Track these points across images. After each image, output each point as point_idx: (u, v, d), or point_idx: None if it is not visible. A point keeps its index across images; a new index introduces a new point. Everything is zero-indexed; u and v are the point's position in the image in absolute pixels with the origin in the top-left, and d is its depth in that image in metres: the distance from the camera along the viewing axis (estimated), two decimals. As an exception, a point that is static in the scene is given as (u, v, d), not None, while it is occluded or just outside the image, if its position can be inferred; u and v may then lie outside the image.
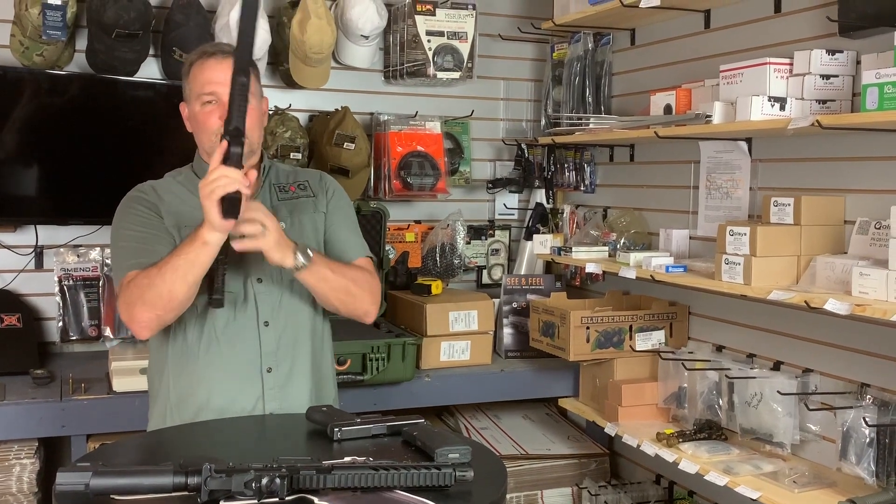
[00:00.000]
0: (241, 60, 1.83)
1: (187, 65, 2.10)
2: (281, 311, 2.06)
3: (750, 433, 2.59)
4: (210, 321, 2.03)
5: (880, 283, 2.07)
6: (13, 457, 2.68)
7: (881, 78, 2.02)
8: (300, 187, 2.19)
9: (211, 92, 2.02)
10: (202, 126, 2.05)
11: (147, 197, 2.08)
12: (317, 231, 2.15)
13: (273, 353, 2.05)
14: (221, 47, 2.11)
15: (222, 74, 2.00)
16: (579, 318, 2.95)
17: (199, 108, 2.05)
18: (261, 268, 2.04)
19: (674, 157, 3.05)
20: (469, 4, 3.50)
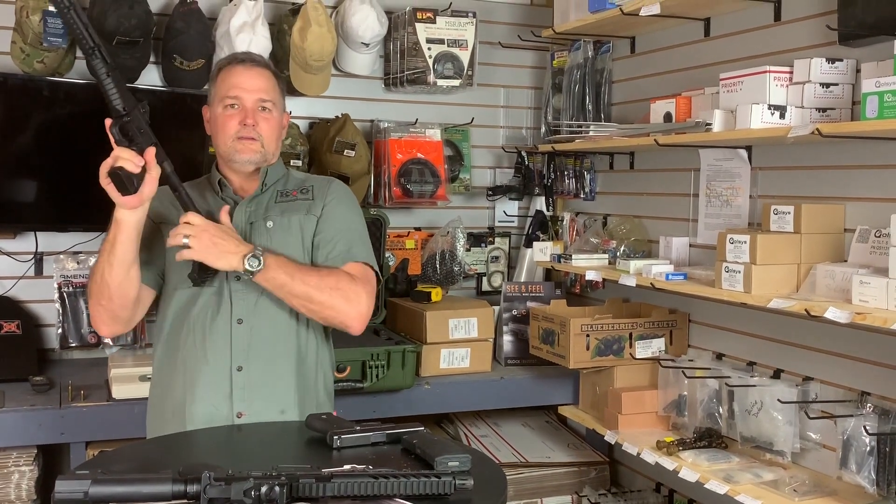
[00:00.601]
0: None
1: (216, 69, 2.16)
2: (257, 311, 2.06)
3: (750, 441, 2.58)
4: (189, 319, 2.06)
5: (880, 291, 2.07)
6: (12, 464, 2.67)
7: (881, 86, 2.02)
8: (302, 192, 2.19)
9: (234, 96, 2.07)
10: (221, 129, 2.09)
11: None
12: (303, 232, 2.13)
13: (244, 352, 2.04)
14: (252, 56, 2.17)
15: (248, 81, 2.08)
16: (579, 326, 2.95)
17: (220, 110, 2.09)
18: None
19: (674, 164, 3.05)
20: (469, 12, 3.51)
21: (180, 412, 2.03)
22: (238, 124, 2.06)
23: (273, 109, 2.11)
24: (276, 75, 2.16)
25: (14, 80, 2.98)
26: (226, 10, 3.17)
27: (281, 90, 2.17)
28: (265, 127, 2.09)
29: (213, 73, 2.18)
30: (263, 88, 2.10)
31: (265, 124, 2.09)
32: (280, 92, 2.16)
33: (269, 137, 2.10)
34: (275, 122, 2.12)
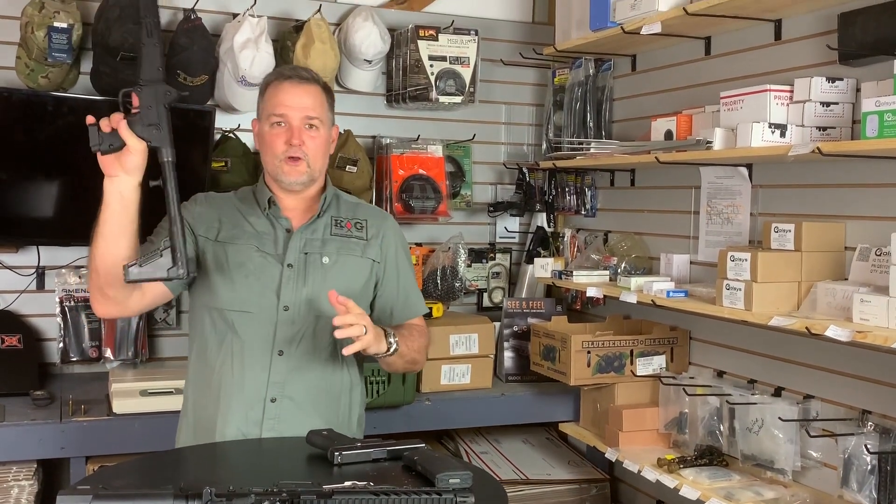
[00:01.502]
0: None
1: (264, 83, 2.15)
2: (300, 345, 2.05)
3: (751, 459, 2.58)
4: (229, 341, 2.05)
5: (881, 309, 2.07)
6: (12, 478, 2.67)
7: (881, 106, 2.03)
8: (357, 226, 2.17)
9: (281, 114, 2.06)
10: (268, 146, 2.09)
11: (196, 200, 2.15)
12: (358, 276, 2.14)
13: (280, 384, 2.04)
14: (299, 72, 2.14)
15: (295, 99, 2.07)
16: (580, 343, 2.95)
17: (267, 128, 2.08)
18: (291, 297, 2.05)
19: (674, 182, 3.06)
20: (471, 30, 3.53)
21: (210, 432, 2.03)
22: (284, 144, 2.05)
23: (320, 127, 2.09)
24: (324, 89, 2.14)
25: (18, 94, 3.00)
26: (229, 27, 3.20)
27: (329, 104, 2.15)
28: (311, 146, 2.07)
29: (261, 86, 2.16)
30: (310, 106, 2.08)
31: (311, 143, 2.07)
32: (328, 106, 2.14)
33: (316, 156, 2.08)
34: (321, 140, 2.10)
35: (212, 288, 2.06)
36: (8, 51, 3.04)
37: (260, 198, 2.14)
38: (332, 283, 2.06)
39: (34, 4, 2.88)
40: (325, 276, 2.08)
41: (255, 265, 2.06)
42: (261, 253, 2.07)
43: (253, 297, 2.04)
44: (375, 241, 2.18)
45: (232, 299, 2.05)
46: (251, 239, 2.09)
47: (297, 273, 2.06)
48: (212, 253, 2.07)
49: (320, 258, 2.09)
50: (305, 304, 2.05)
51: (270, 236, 2.10)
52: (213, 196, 2.19)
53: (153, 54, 1.79)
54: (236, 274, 2.05)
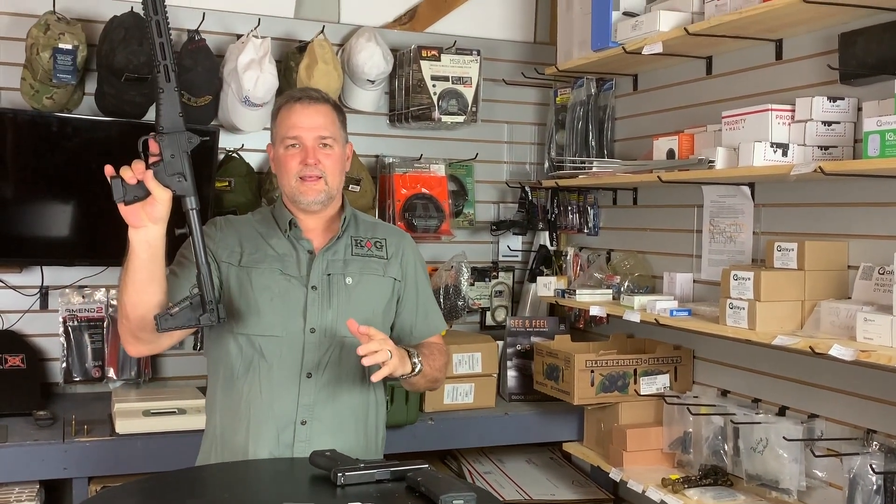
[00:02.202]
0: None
1: (276, 107, 2.15)
2: (328, 366, 2.05)
3: (756, 479, 2.57)
4: (256, 365, 2.04)
5: (885, 328, 2.07)
6: (14, 499, 2.66)
7: (882, 125, 2.04)
8: (376, 245, 2.18)
9: (294, 136, 2.06)
10: (284, 169, 2.09)
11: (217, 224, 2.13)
12: (376, 297, 2.14)
13: (310, 406, 2.03)
14: (309, 93, 2.14)
15: (307, 119, 2.07)
16: (583, 362, 2.95)
17: (282, 151, 2.08)
18: (317, 319, 2.05)
19: (677, 201, 3.06)
20: (474, 50, 3.55)
21: (241, 456, 2.02)
22: (300, 164, 2.05)
23: (334, 145, 2.09)
24: (335, 108, 2.14)
25: (23, 115, 3.02)
26: (233, 48, 3.22)
27: (341, 122, 2.15)
28: (327, 163, 2.07)
29: (273, 111, 2.17)
30: (322, 125, 2.08)
31: (327, 160, 2.07)
32: (341, 125, 2.14)
33: (332, 173, 2.08)
34: (337, 157, 2.10)
35: (237, 313, 2.05)
36: (13, 72, 3.05)
37: (280, 220, 2.14)
38: (357, 304, 2.08)
39: (39, 26, 2.90)
40: (349, 296, 2.08)
41: (280, 288, 2.05)
42: (285, 276, 2.07)
43: (279, 321, 2.03)
44: (395, 259, 2.19)
45: (258, 324, 2.04)
46: (274, 262, 2.08)
47: (321, 295, 2.06)
48: (235, 278, 2.06)
49: (344, 279, 2.09)
50: (331, 326, 2.05)
51: (292, 258, 2.09)
52: (232, 220, 2.18)
53: (172, 100, 1.76)
54: (261, 298, 2.04)
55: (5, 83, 3.09)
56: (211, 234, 2.09)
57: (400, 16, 3.66)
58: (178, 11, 3.25)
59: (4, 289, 3.14)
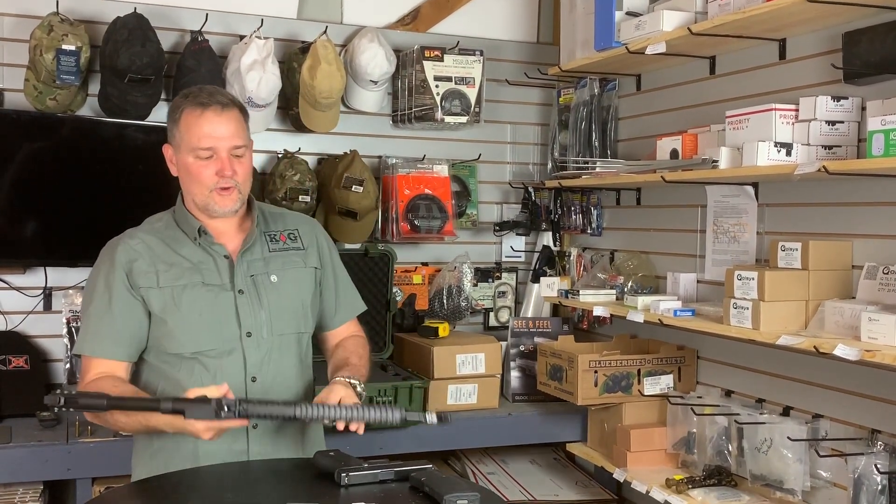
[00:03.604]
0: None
1: (178, 110, 2.03)
2: (270, 366, 2.05)
3: (760, 479, 2.56)
4: (198, 376, 2.00)
5: (889, 328, 2.06)
6: (18, 500, 2.66)
7: (886, 124, 2.03)
8: (290, 237, 2.17)
9: (209, 147, 1.99)
10: (195, 178, 2.02)
11: (119, 258, 2.03)
12: (301, 289, 2.14)
13: None
14: (217, 97, 2.03)
15: (220, 128, 1.99)
16: (587, 362, 2.94)
17: (192, 160, 2.00)
18: (251, 321, 2.04)
19: (680, 201, 3.06)
20: (476, 51, 3.55)
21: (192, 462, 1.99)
22: (215, 175, 2.00)
23: (245, 151, 2.05)
24: (242, 110, 2.08)
25: (27, 116, 3.02)
26: (236, 49, 3.22)
27: (247, 124, 2.09)
28: (241, 172, 2.03)
29: (174, 112, 2.04)
30: (235, 133, 2.01)
31: (241, 169, 2.03)
32: (247, 127, 2.09)
33: (245, 180, 2.05)
34: (248, 163, 2.06)
35: (170, 334, 2.01)
36: (16, 73, 3.06)
37: (186, 228, 2.07)
38: (286, 299, 2.09)
39: (43, 27, 2.90)
40: (277, 293, 2.08)
41: (207, 301, 2.02)
42: (207, 286, 2.03)
43: (214, 333, 2.01)
44: (312, 248, 2.19)
45: (193, 341, 2.01)
46: (192, 274, 2.03)
47: (249, 298, 2.05)
48: (158, 300, 2.01)
49: (268, 277, 2.09)
50: (266, 326, 2.05)
51: (209, 265, 2.05)
52: (135, 237, 2.07)
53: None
54: (189, 314, 2.01)
55: (9, 84, 3.10)
56: (116, 262, 2.02)
57: (403, 16, 3.66)
58: (181, 13, 3.26)
59: (8, 290, 3.14)
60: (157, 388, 2.04)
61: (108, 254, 2.07)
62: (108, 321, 2.01)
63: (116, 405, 1.80)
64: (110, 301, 2.01)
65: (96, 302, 2.02)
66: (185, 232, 2.08)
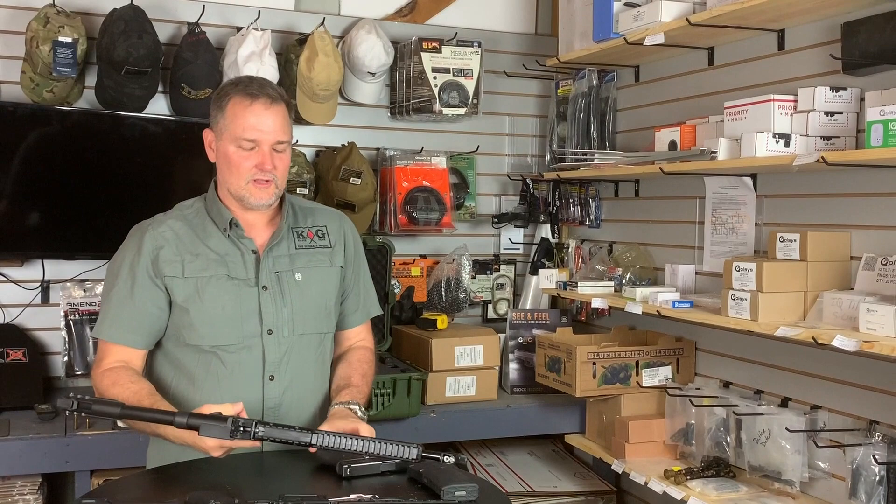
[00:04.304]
0: None
1: (226, 97, 2.01)
2: (289, 365, 2.04)
3: (758, 470, 2.56)
4: (215, 370, 2.00)
5: (888, 319, 2.06)
6: (16, 492, 2.66)
7: (885, 115, 2.03)
8: (318, 234, 2.15)
9: (253, 139, 1.98)
10: (235, 168, 2.00)
11: (146, 244, 2.03)
12: (326, 288, 2.12)
13: (275, 409, 2.02)
14: (267, 90, 2.01)
15: (268, 122, 1.98)
16: (585, 354, 2.95)
17: (233, 149, 1.99)
18: (273, 319, 2.03)
19: (679, 192, 3.06)
20: (474, 42, 3.54)
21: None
22: (254, 167, 1.99)
23: (287, 147, 2.05)
24: (288, 106, 2.07)
25: (23, 109, 3.01)
26: (233, 40, 3.21)
27: (292, 119, 2.10)
28: (281, 167, 2.03)
29: (221, 99, 2.02)
30: (281, 128, 2.01)
31: (281, 164, 2.02)
32: (291, 122, 2.09)
33: (283, 176, 2.05)
34: (288, 159, 2.06)
35: (190, 325, 2.00)
36: (13, 65, 3.05)
37: (217, 218, 2.06)
38: (310, 298, 2.07)
39: (39, 19, 2.89)
40: (301, 292, 2.07)
41: (231, 294, 2.01)
42: (232, 280, 2.01)
43: (235, 328, 2.00)
44: (339, 246, 2.17)
45: (213, 335, 2.00)
46: (218, 266, 2.01)
47: (273, 294, 2.04)
48: (181, 290, 1.99)
49: (293, 275, 2.07)
50: (288, 324, 2.04)
51: (236, 258, 2.04)
52: (163, 224, 2.05)
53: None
54: (213, 308, 1.99)
55: (5, 77, 3.08)
56: (142, 249, 2.01)
57: (400, 7, 3.65)
58: (177, 4, 3.25)
59: (5, 283, 3.13)
60: (170, 380, 2.04)
61: (135, 238, 2.05)
62: (129, 308, 2.00)
63: (130, 415, 1.78)
64: (133, 288, 2.00)
65: (119, 286, 2.02)
66: (216, 222, 2.06)
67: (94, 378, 2.01)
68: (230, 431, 1.72)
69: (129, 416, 1.79)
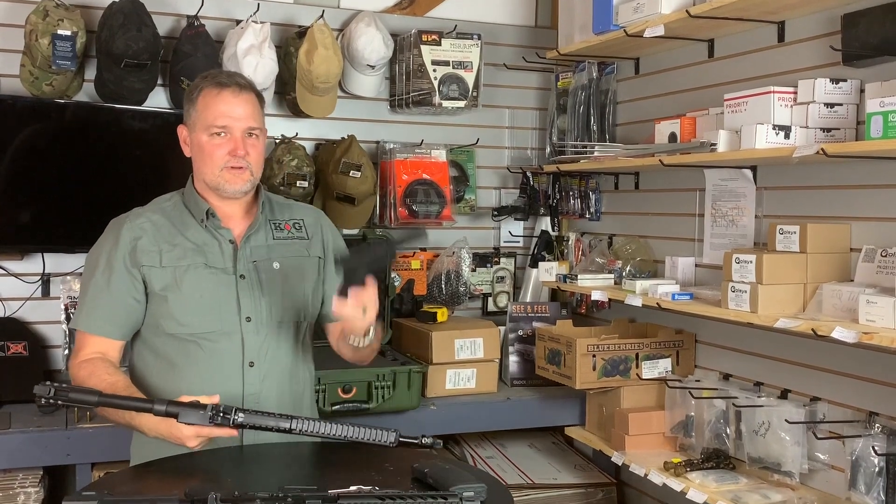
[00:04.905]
0: None
1: (196, 90, 2.06)
2: (267, 352, 2.05)
3: (758, 462, 2.57)
4: (194, 359, 2.01)
5: (887, 311, 2.06)
6: (18, 485, 2.67)
7: (885, 106, 2.03)
8: (295, 226, 2.18)
9: (223, 126, 2.01)
10: (208, 156, 2.03)
11: (124, 236, 2.04)
12: (304, 277, 2.14)
13: (255, 395, 2.03)
14: (236, 79, 2.08)
15: (236, 109, 2.02)
16: (585, 346, 2.95)
17: (206, 138, 2.03)
18: (251, 307, 2.04)
19: (678, 185, 3.05)
20: (474, 35, 3.53)
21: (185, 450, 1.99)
22: (227, 154, 2.01)
23: (260, 135, 2.07)
24: (259, 95, 2.11)
25: (23, 102, 3.01)
26: (233, 33, 3.20)
27: (263, 109, 2.12)
28: (254, 154, 2.04)
29: (192, 92, 2.07)
30: (251, 115, 2.04)
31: (254, 151, 2.04)
32: (263, 112, 2.11)
33: (257, 164, 2.07)
34: (262, 147, 2.08)
35: (169, 314, 2.02)
36: (12, 59, 3.04)
37: (194, 209, 2.08)
38: (288, 287, 2.08)
39: (38, 12, 2.89)
40: (279, 281, 2.08)
41: (209, 283, 2.02)
42: (210, 269, 2.04)
43: (214, 316, 2.01)
44: (317, 238, 2.19)
45: (192, 322, 2.01)
46: (196, 256, 2.04)
47: (251, 283, 2.05)
48: (159, 279, 2.02)
49: (271, 264, 2.09)
50: (266, 312, 2.05)
51: (214, 248, 2.06)
52: (141, 216, 2.08)
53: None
54: (191, 295, 2.01)
55: (5, 70, 3.08)
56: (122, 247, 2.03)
57: (400, 0, 3.65)
58: (177, -3, 3.25)
59: (6, 276, 3.14)
60: (151, 368, 2.05)
61: (113, 231, 2.08)
62: (107, 299, 2.01)
63: (107, 402, 1.77)
64: (110, 279, 2.02)
65: (96, 278, 2.03)
66: (193, 213, 2.09)
67: (70, 369, 2.02)
68: (209, 417, 1.73)
69: (107, 403, 1.78)
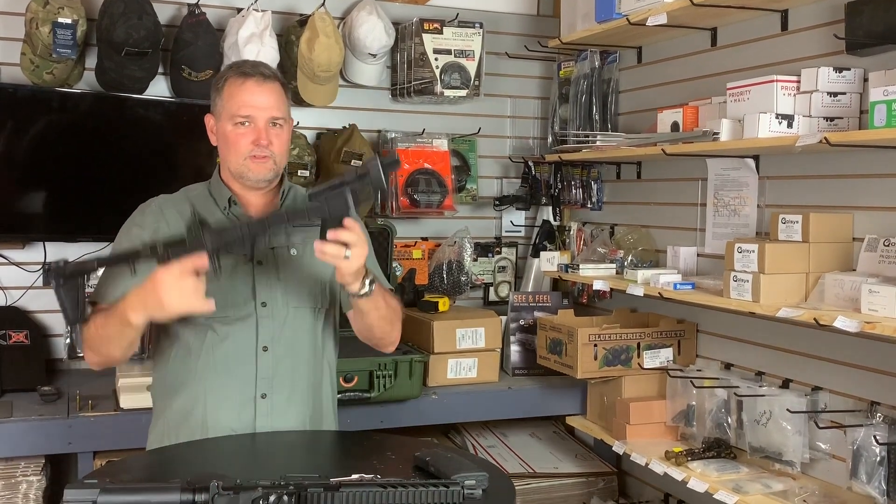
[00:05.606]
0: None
1: (222, 80, 2.08)
2: (281, 338, 2.06)
3: (759, 452, 2.57)
4: (210, 344, 2.02)
5: (890, 300, 2.06)
6: (20, 474, 2.67)
7: (889, 95, 2.02)
8: None
9: (247, 115, 2.02)
10: (232, 146, 2.04)
11: (149, 218, 2.07)
12: (322, 263, 2.08)
13: (268, 380, 2.03)
14: (260, 69, 2.08)
15: (260, 98, 2.03)
16: (587, 336, 2.95)
17: (230, 127, 2.03)
18: (267, 293, 2.05)
19: (681, 174, 3.05)
20: (476, 23, 3.52)
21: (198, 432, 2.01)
22: (251, 143, 2.02)
23: (284, 125, 2.08)
24: (284, 86, 2.12)
25: (23, 91, 3.00)
26: (234, 22, 3.19)
27: (288, 100, 2.14)
28: (278, 144, 2.05)
29: (218, 82, 2.09)
30: (275, 105, 2.05)
31: (277, 141, 2.05)
32: (288, 102, 2.13)
33: (281, 153, 2.07)
34: (286, 137, 2.09)
35: None
36: (13, 47, 3.03)
37: (218, 197, 2.10)
38: (304, 273, 2.09)
39: (39, 0, 2.87)
40: (295, 267, 2.09)
41: (226, 268, 2.00)
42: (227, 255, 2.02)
43: (230, 299, 2.02)
44: None
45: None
46: None
47: (267, 269, 2.06)
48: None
49: (288, 250, 2.09)
50: (282, 298, 2.06)
51: None
52: (167, 201, 2.12)
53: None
54: (207, 280, 1.98)
55: (5, 58, 3.07)
56: (144, 223, 2.06)
57: (401, -12, 3.64)
58: (177, -15, 3.23)
59: (7, 265, 3.14)
60: (171, 352, 2.07)
61: (139, 214, 2.11)
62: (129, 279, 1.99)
63: (105, 261, 1.92)
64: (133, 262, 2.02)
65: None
66: (216, 201, 2.11)
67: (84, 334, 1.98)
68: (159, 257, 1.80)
69: (104, 262, 1.92)
